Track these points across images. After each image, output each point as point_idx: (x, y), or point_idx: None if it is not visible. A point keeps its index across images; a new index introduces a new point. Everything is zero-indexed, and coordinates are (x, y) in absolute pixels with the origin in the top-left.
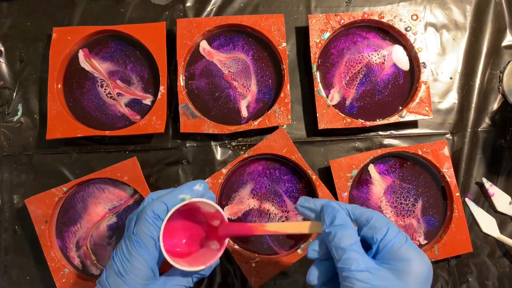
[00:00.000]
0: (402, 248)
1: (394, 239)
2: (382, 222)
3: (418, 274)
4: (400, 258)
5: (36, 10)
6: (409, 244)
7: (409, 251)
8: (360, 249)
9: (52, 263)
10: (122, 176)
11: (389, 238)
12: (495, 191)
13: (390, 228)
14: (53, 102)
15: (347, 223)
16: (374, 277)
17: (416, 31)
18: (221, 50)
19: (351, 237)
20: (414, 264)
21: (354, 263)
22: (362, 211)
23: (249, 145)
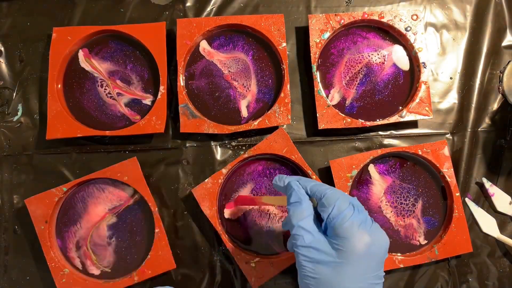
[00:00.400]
0: (342, 226)
1: (337, 217)
2: (332, 199)
3: (356, 252)
4: (340, 236)
5: (36, 10)
6: (351, 222)
7: (349, 230)
8: (308, 225)
9: (52, 263)
10: (122, 176)
11: (333, 215)
12: (495, 191)
13: (336, 206)
14: (53, 102)
15: (302, 200)
16: (317, 253)
17: (416, 31)
18: (221, 50)
19: (301, 214)
20: (352, 242)
21: (299, 238)
22: (319, 189)
23: (249, 145)
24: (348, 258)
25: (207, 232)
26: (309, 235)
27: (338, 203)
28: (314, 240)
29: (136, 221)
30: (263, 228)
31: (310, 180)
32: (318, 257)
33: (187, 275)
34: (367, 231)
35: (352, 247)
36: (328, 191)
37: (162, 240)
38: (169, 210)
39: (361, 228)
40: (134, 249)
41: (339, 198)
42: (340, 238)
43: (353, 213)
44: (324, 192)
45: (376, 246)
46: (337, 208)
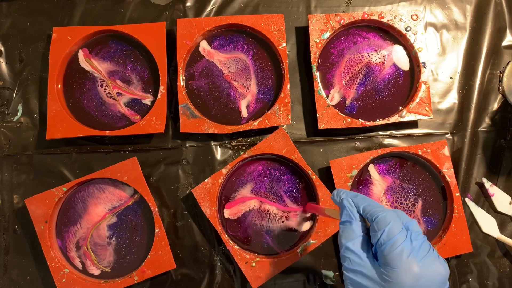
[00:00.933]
0: (390, 254)
1: (386, 244)
2: (382, 223)
3: (401, 284)
4: (388, 264)
5: (36, 10)
6: (400, 251)
7: (397, 259)
8: (356, 247)
9: (52, 263)
10: (122, 176)
11: (382, 241)
12: (495, 191)
13: (386, 231)
14: (53, 102)
15: (352, 220)
16: (363, 279)
17: (416, 31)
18: (221, 50)
19: (350, 235)
20: (398, 273)
21: (346, 260)
22: (372, 210)
23: (249, 145)
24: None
25: (207, 232)
26: (356, 258)
27: (389, 227)
28: (361, 264)
29: (136, 221)
30: (263, 228)
31: (366, 199)
32: (363, 282)
33: (187, 275)
34: (417, 262)
35: (398, 278)
36: (381, 214)
37: (162, 240)
38: (169, 210)
39: (411, 258)
40: (134, 249)
41: (391, 222)
42: (387, 267)
43: (405, 240)
44: (376, 214)
45: (426, 279)
46: (386, 234)
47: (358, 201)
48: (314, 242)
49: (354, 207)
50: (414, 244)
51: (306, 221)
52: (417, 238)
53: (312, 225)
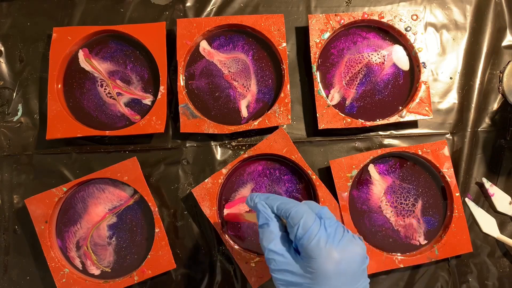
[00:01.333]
0: (309, 246)
1: (303, 237)
2: (296, 218)
3: (325, 272)
4: (309, 256)
5: (36, 10)
6: (317, 240)
7: (316, 249)
8: (277, 247)
9: (52, 263)
10: (122, 176)
11: (299, 236)
12: (495, 191)
13: (301, 224)
14: (53, 102)
15: (269, 221)
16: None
17: (416, 31)
18: (221, 50)
19: (269, 237)
20: (320, 262)
21: (272, 262)
22: (284, 208)
23: (249, 145)
24: (319, 279)
25: (207, 232)
26: (280, 258)
27: (302, 221)
28: (286, 263)
29: (136, 221)
30: None
31: (278, 197)
32: (292, 279)
33: (187, 275)
34: (334, 248)
35: (321, 267)
36: (293, 209)
37: (162, 240)
38: (169, 210)
39: (328, 245)
40: (134, 249)
41: (304, 215)
42: (309, 259)
43: (319, 229)
44: (289, 210)
45: (347, 262)
46: (302, 227)
47: (271, 201)
48: None
49: (268, 208)
50: (328, 231)
51: None
52: (330, 225)
53: None
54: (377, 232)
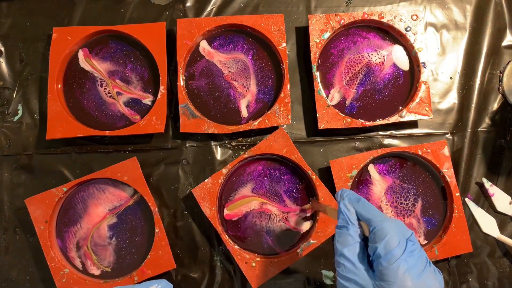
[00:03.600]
0: (387, 269)
1: (383, 258)
2: (381, 235)
3: None
4: (383, 278)
5: (36, 10)
6: (397, 266)
7: (392, 274)
8: (351, 254)
9: (52, 263)
10: (122, 176)
11: (378, 254)
12: (495, 191)
13: (384, 243)
14: (53, 102)
15: (349, 226)
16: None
17: (416, 31)
18: (221, 50)
19: (345, 241)
20: None
21: (340, 266)
22: (371, 218)
23: (249, 145)
24: None
25: (207, 232)
26: (351, 266)
27: (386, 240)
28: (356, 273)
29: (136, 221)
30: (263, 228)
31: (367, 205)
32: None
33: (187, 275)
34: (412, 279)
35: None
36: (379, 224)
37: (162, 240)
38: (169, 210)
39: (407, 274)
40: (134, 249)
41: (389, 234)
42: (383, 281)
43: (402, 254)
44: (375, 224)
45: None
46: (384, 247)
47: (359, 206)
48: (314, 242)
49: (352, 212)
50: (412, 259)
51: (306, 221)
52: (416, 253)
53: (312, 225)
54: None
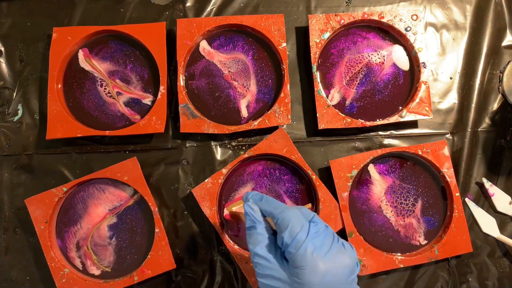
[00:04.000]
0: (296, 255)
1: (290, 246)
2: (284, 224)
3: (310, 283)
4: (295, 264)
5: (36, 10)
6: (304, 250)
7: (302, 259)
8: (263, 251)
9: (52, 263)
10: (122, 176)
11: (286, 243)
12: (495, 191)
13: (288, 231)
14: (53, 102)
15: (256, 224)
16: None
17: (416, 31)
18: (221, 50)
19: (256, 240)
20: (305, 273)
21: (257, 266)
22: (273, 211)
23: (249, 145)
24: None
25: (207, 232)
26: (265, 263)
27: (290, 227)
28: (271, 268)
29: (136, 221)
30: None
31: (269, 200)
32: (277, 285)
33: (187, 275)
34: (321, 259)
35: (306, 278)
36: (281, 215)
37: (162, 240)
38: (169, 210)
39: (315, 255)
40: (134, 249)
41: (291, 221)
42: (295, 268)
43: (307, 237)
44: (277, 216)
45: (333, 274)
46: (289, 234)
47: (262, 204)
48: None
49: (256, 211)
50: (317, 240)
51: None
52: (320, 233)
53: None
54: (377, 232)
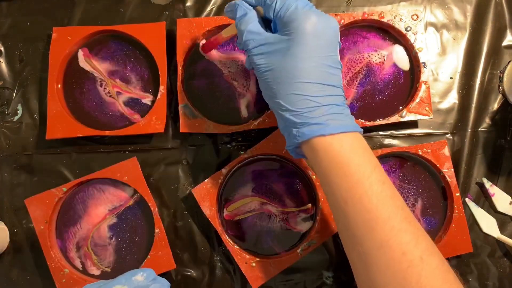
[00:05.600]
0: (287, 13)
1: (282, 8)
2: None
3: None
4: (286, 22)
5: (36, 10)
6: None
7: (294, 13)
8: (255, 27)
9: (52, 263)
10: (122, 176)
11: (278, 8)
12: (495, 191)
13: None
14: (53, 102)
15: (247, 11)
16: (267, 47)
17: (416, 31)
18: (221, 50)
19: (247, 21)
20: (298, 23)
21: (250, 42)
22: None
23: (249, 145)
24: (296, 39)
25: (207, 232)
26: (257, 36)
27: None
28: (264, 38)
29: (136, 221)
30: (263, 228)
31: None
32: (269, 49)
33: (187, 275)
34: (312, 11)
35: (298, 26)
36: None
37: (162, 240)
38: (169, 210)
39: (307, 8)
40: (134, 249)
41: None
42: (287, 24)
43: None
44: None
45: (323, 25)
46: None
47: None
48: (314, 242)
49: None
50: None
51: (306, 221)
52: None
53: (312, 225)
54: None
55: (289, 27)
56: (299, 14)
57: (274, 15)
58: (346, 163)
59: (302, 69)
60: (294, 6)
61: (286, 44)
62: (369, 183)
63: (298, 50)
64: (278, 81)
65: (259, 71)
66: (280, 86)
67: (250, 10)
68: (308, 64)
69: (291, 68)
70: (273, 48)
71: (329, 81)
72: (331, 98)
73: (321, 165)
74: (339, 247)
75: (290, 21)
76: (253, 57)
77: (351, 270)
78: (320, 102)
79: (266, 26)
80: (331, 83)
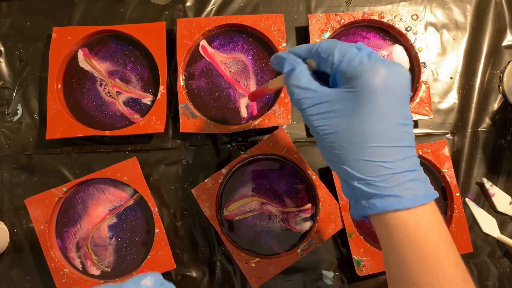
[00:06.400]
0: (351, 66)
1: (342, 61)
2: (329, 48)
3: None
4: (353, 79)
5: (36, 10)
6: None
7: (359, 66)
8: (309, 85)
9: (52, 263)
10: (122, 176)
11: (337, 61)
12: (495, 191)
13: (337, 50)
14: (53, 102)
15: (295, 66)
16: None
17: (416, 31)
18: (221, 50)
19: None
20: (365, 78)
21: (303, 102)
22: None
23: (249, 145)
24: (364, 97)
25: (207, 232)
26: (313, 93)
27: (338, 48)
28: (321, 95)
29: (136, 221)
30: (263, 228)
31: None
32: (330, 108)
33: (187, 275)
34: (380, 62)
35: (366, 82)
36: (323, 44)
37: (162, 240)
38: (169, 210)
39: (373, 59)
40: (134, 249)
41: (338, 44)
42: (351, 80)
43: (359, 51)
44: (318, 46)
45: (394, 77)
46: (338, 52)
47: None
48: (314, 242)
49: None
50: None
51: (306, 221)
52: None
53: (312, 225)
54: None
55: (353, 83)
56: (364, 67)
57: (334, 71)
58: (422, 243)
59: (373, 132)
60: (358, 59)
61: (351, 102)
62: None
63: (367, 110)
64: (344, 145)
65: (318, 133)
66: (347, 150)
67: (299, 64)
68: (380, 126)
69: (360, 131)
70: (336, 107)
71: (403, 142)
72: (406, 162)
73: (392, 238)
74: (339, 247)
75: (354, 77)
76: (310, 118)
77: (351, 270)
78: (394, 169)
79: (319, 78)
80: (405, 144)
